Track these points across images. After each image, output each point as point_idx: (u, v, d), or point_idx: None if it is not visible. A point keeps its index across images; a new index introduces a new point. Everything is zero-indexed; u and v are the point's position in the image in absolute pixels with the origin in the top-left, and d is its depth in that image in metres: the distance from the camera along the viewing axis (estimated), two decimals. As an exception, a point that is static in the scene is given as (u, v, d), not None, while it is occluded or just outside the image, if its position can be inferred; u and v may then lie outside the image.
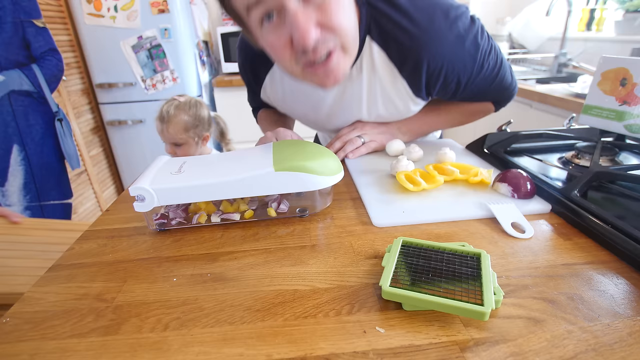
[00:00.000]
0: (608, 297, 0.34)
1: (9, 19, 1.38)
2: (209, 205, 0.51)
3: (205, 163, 0.53)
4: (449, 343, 0.30)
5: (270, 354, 0.30)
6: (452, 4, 0.60)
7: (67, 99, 1.86)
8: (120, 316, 0.35)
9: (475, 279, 0.34)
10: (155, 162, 0.53)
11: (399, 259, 0.37)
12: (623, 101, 0.64)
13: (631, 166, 0.57)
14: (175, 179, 0.47)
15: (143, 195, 0.46)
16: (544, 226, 0.47)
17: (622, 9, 1.67)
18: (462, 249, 0.38)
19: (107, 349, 0.31)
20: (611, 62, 0.65)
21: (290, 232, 0.48)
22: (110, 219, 0.55)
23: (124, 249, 0.46)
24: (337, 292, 0.37)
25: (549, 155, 0.68)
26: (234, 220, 0.50)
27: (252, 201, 0.53)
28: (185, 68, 2.00)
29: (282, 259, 0.42)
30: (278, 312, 0.34)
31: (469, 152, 0.72)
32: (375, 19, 0.60)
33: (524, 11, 2.04)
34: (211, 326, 0.33)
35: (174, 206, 0.52)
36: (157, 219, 0.50)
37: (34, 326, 0.34)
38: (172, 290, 0.38)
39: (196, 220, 0.50)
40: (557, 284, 0.36)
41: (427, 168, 0.60)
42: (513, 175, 0.53)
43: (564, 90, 1.47)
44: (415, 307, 0.33)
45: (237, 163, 0.51)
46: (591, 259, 0.40)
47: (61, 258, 0.45)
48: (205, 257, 0.44)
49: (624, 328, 0.31)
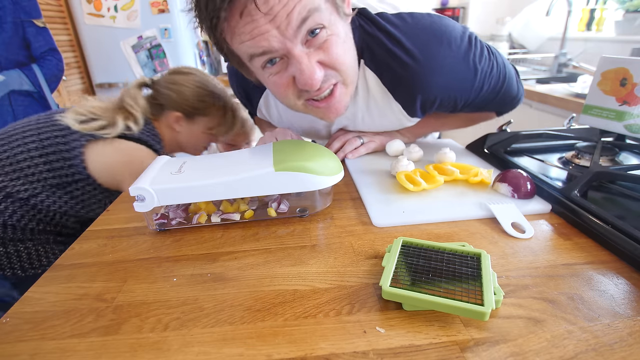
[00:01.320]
0: (608, 297, 0.34)
1: (9, 19, 1.38)
2: (209, 205, 0.51)
3: (205, 163, 0.53)
4: (449, 343, 0.30)
5: (270, 354, 0.30)
6: (447, 27, 0.57)
7: (67, 99, 1.86)
8: (120, 316, 0.35)
9: (476, 279, 0.34)
10: (155, 162, 0.53)
11: (399, 259, 0.37)
12: (623, 101, 0.64)
13: (631, 166, 0.57)
14: (175, 179, 0.47)
15: (143, 195, 0.46)
16: (544, 226, 0.47)
17: (622, 9, 1.67)
18: (462, 249, 0.38)
19: (107, 349, 0.31)
20: (611, 62, 0.65)
21: (290, 232, 0.48)
22: (110, 219, 0.55)
23: (124, 249, 0.46)
24: (337, 292, 0.37)
25: (549, 155, 0.68)
26: (234, 220, 0.50)
27: (252, 201, 0.53)
28: (185, 68, 2.00)
29: (282, 259, 0.42)
30: (278, 312, 0.34)
31: (469, 152, 0.72)
32: (369, 44, 0.58)
33: (524, 11, 2.04)
34: (211, 326, 0.33)
35: (174, 206, 0.52)
36: (157, 219, 0.50)
37: (34, 326, 0.34)
38: (172, 290, 0.38)
39: (196, 220, 0.50)
40: (557, 284, 0.36)
41: (427, 168, 0.60)
42: (513, 175, 0.53)
43: (564, 90, 1.47)
44: (416, 307, 0.33)
45: (237, 163, 0.51)
46: (591, 259, 0.40)
47: (61, 258, 0.45)
48: (205, 257, 0.44)
49: (624, 328, 0.31)
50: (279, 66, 0.50)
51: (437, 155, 0.65)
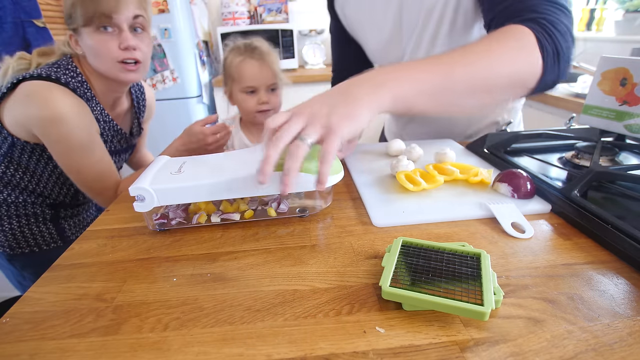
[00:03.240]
0: (608, 297, 0.34)
1: (9, 19, 1.38)
2: (209, 205, 0.51)
3: (205, 163, 0.53)
4: (449, 343, 0.30)
5: (270, 354, 0.30)
6: None
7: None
8: (120, 316, 0.35)
9: (475, 279, 0.34)
10: (154, 162, 0.53)
11: (399, 259, 0.37)
12: (623, 101, 0.64)
13: (631, 166, 0.57)
14: (175, 179, 0.47)
15: (143, 195, 0.46)
16: (544, 226, 0.47)
17: (622, 9, 1.67)
18: (462, 249, 0.38)
19: (107, 349, 0.31)
20: (611, 62, 0.65)
21: (290, 232, 0.48)
22: (110, 219, 0.55)
23: (124, 249, 0.46)
24: (337, 292, 0.37)
25: (549, 155, 0.68)
26: (234, 220, 0.50)
27: (252, 201, 0.53)
28: (185, 68, 2.00)
29: (282, 259, 0.42)
30: (278, 312, 0.34)
31: (469, 152, 0.72)
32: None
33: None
34: (211, 326, 0.33)
35: (174, 206, 0.52)
36: (157, 219, 0.50)
37: (34, 326, 0.34)
38: (172, 290, 0.38)
39: (196, 220, 0.50)
40: (557, 284, 0.36)
41: (427, 168, 0.60)
42: (513, 175, 0.53)
43: (564, 90, 1.47)
44: (415, 307, 0.33)
45: (237, 163, 0.51)
46: (591, 259, 0.40)
47: (61, 258, 0.45)
48: (205, 257, 0.44)
49: (624, 328, 0.31)
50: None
51: (437, 155, 0.65)
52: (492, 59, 0.46)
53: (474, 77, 0.46)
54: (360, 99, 0.42)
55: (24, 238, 0.86)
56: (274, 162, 0.41)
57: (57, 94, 0.71)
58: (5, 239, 0.85)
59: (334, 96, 0.44)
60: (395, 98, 0.44)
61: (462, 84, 0.46)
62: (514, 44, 0.47)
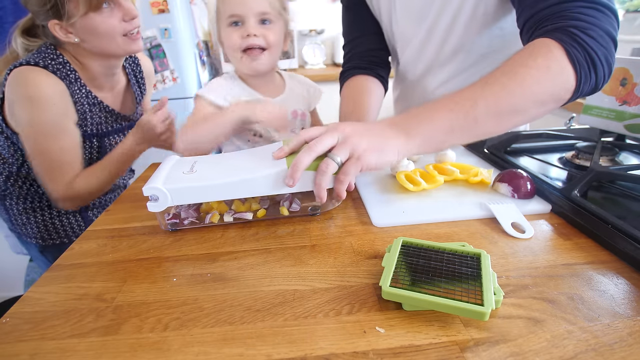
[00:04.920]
0: (608, 297, 0.34)
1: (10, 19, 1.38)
2: (221, 204, 0.51)
3: (217, 162, 0.52)
4: (449, 343, 0.30)
5: (270, 354, 0.30)
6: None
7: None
8: (120, 316, 0.35)
9: (475, 279, 0.34)
10: (165, 162, 0.53)
11: (399, 259, 0.37)
12: (623, 101, 0.64)
13: (631, 166, 0.57)
14: (189, 179, 0.47)
15: (157, 195, 0.46)
16: (544, 226, 0.47)
17: (622, 9, 1.67)
18: (462, 249, 0.38)
19: (107, 349, 0.31)
20: (611, 62, 0.65)
21: (290, 232, 0.48)
22: (110, 219, 0.55)
23: (123, 249, 0.46)
24: (337, 292, 0.37)
25: (549, 155, 0.68)
26: (247, 220, 0.50)
27: (263, 200, 0.53)
28: (185, 68, 2.00)
29: (282, 259, 0.42)
30: (278, 312, 0.34)
31: (469, 152, 0.72)
32: None
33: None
34: (211, 326, 0.33)
35: (185, 206, 0.51)
36: (169, 219, 0.50)
37: (34, 326, 0.34)
38: (172, 290, 0.38)
39: (209, 219, 0.50)
40: (557, 284, 0.36)
41: (427, 168, 0.60)
42: (513, 175, 0.53)
43: (564, 90, 1.46)
44: (415, 307, 0.33)
45: (250, 162, 0.50)
46: (591, 259, 0.40)
47: (61, 258, 0.45)
48: (205, 257, 0.44)
49: (624, 328, 0.31)
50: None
51: (437, 155, 0.65)
52: (518, 83, 0.46)
53: (498, 106, 0.46)
54: (393, 139, 0.46)
55: (54, 229, 0.90)
56: (304, 168, 0.45)
57: (33, 75, 0.72)
58: (38, 230, 0.88)
59: (369, 128, 0.48)
60: (424, 142, 0.47)
61: (486, 116, 0.46)
62: (541, 62, 0.46)
